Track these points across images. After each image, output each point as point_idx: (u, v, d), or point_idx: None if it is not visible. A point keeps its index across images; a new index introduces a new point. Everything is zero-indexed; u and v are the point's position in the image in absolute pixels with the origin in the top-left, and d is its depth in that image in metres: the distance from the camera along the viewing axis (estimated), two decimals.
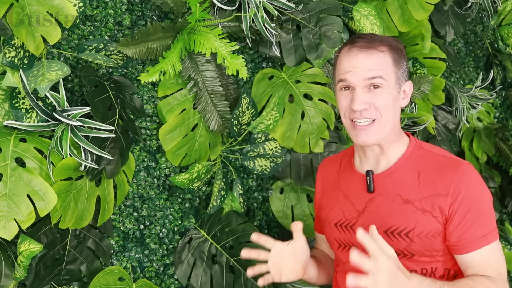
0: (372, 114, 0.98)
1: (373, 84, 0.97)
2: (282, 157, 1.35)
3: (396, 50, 1.00)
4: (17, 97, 0.99)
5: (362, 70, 0.97)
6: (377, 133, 0.98)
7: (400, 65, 1.00)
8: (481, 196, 0.96)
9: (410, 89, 1.03)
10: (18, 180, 0.95)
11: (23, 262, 0.99)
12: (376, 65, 0.98)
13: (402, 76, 1.01)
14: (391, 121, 0.99)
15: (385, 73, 0.98)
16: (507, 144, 1.86)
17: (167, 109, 1.20)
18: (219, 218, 1.28)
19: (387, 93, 0.98)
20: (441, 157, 0.99)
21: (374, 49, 0.98)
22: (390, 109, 0.98)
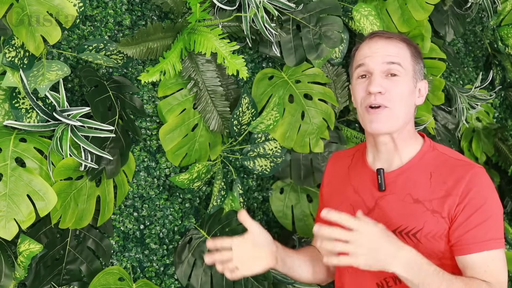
0: (386, 101, 0.96)
1: (390, 72, 0.97)
2: (282, 157, 1.35)
3: (415, 47, 1.02)
4: (17, 97, 0.99)
5: (382, 55, 0.98)
6: (389, 121, 0.96)
7: (418, 61, 1.01)
8: (490, 201, 0.94)
9: (425, 89, 1.03)
10: (18, 180, 0.95)
11: (23, 262, 0.99)
12: (395, 52, 0.99)
13: (419, 73, 1.01)
14: (404, 114, 0.98)
15: (404, 63, 0.98)
16: (506, 144, 1.86)
17: (167, 109, 1.20)
18: (219, 218, 1.28)
19: (404, 82, 0.98)
20: (454, 159, 0.98)
21: (394, 39, 1.00)
22: (404, 100, 0.98)
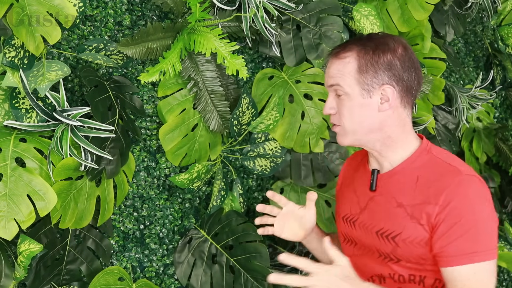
0: (336, 120, 1.02)
1: (336, 92, 1.01)
2: (282, 157, 1.35)
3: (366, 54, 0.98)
4: (17, 97, 0.99)
5: (326, 78, 1.03)
6: (345, 137, 1.01)
7: (368, 71, 0.97)
8: (476, 211, 0.90)
9: (391, 93, 0.98)
10: (18, 180, 0.95)
11: (23, 262, 0.99)
12: (334, 73, 1.00)
13: (372, 81, 0.98)
14: (360, 128, 0.99)
15: (344, 81, 0.99)
16: (506, 144, 1.86)
17: (167, 109, 1.20)
18: (219, 218, 1.28)
19: (347, 100, 0.99)
20: (446, 164, 0.96)
21: (337, 56, 1.01)
22: (354, 115, 0.99)
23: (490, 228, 0.91)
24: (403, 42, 1.02)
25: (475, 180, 0.93)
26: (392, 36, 1.03)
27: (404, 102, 1.01)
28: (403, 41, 1.02)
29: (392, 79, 0.99)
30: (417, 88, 1.03)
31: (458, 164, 0.96)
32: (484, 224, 0.91)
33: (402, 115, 1.02)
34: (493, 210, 0.94)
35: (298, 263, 0.89)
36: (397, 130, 1.01)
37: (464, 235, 0.90)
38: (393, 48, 0.99)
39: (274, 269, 1.28)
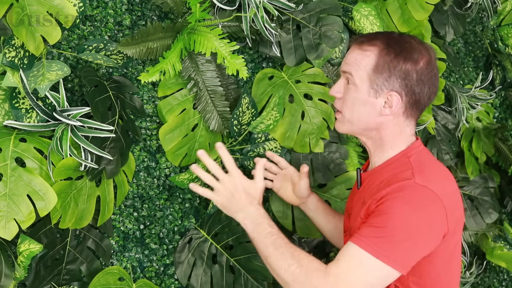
0: (339, 105, 1.05)
1: (347, 78, 1.02)
2: (282, 157, 1.35)
3: (387, 55, 0.97)
4: (17, 97, 0.99)
5: (343, 62, 1.05)
6: (342, 124, 1.05)
7: (383, 72, 0.97)
8: (402, 216, 0.88)
9: (396, 102, 0.98)
10: (18, 180, 0.95)
11: (23, 262, 0.99)
12: (351, 61, 1.01)
13: (383, 84, 0.97)
14: (357, 121, 1.01)
15: (357, 73, 0.98)
16: (506, 144, 1.86)
17: (167, 109, 1.20)
18: (219, 218, 1.28)
19: (354, 91, 1.00)
20: (408, 169, 0.95)
21: (360, 46, 1.01)
22: (356, 107, 1.00)
23: (408, 240, 0.88)
24: (430, 55, 0.99)
25: (423, 191, 0.90)
26: (423, 46, 0.99)
27: (407, 113, 1.00)
28: (431, 54, 0.99)
29: (402, 88, 0.98)
30: (427, 103, 1.02)
31: (419, 173, 0.93)
32: (402, 232, 0.88)
33: (402, 124, 1.01)
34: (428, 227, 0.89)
35: (213, 169, 1.02)
36: (391, 136, 1.02)
37: (378, 227, 0.89)
38: (415, 60, 0.97)
39: None
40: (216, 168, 1.02)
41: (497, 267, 1.95)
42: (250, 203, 1.00)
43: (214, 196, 1.02)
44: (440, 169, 1.01)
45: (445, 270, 1.00)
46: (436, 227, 0.91)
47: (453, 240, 0.99)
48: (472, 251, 1.84)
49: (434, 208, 0.91)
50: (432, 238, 0.91)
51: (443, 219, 0.92)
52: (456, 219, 0.97)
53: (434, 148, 1.66)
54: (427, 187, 0.91)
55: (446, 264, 0.99)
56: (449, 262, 1.00)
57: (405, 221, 0.88)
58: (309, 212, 1.28)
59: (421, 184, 0.91)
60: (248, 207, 1.00)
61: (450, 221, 0.94)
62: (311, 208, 1.26)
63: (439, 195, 0.91)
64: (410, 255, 0.90)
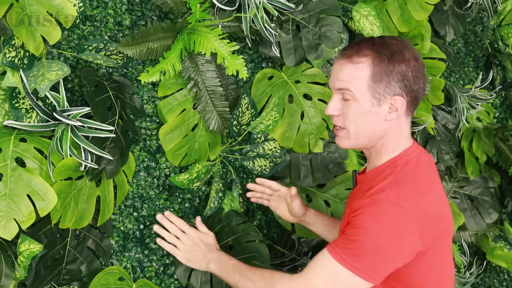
0: (340, 122, 1.03)
1: (343, 96, 1.01)
2: (281, 157, 1.36)
3: (381, 63, 0.97)
4: (17, 97, 0.99)
5: (334, 79, 1.02)
6: (347, 140, 1.03)
7: (381, 79, 0.97)
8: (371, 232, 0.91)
9: (401, 104, 0.99)
10: (18, 180, 0.95)
11: (23, 262, 0.99)
12: (346, 77, 0.99)
13: (384, 90, 0.98)
14: (363, 133, 1.01)
15: (355, 86, 0.98)
16: (506, 144, 1.86)
17: (167, 109, 1.20)
18: (219, 218, 1.28)
19: (355, 105, 0.99)
20: (386, 185, 0.96)
21: (350, 60, 0.99)
22: (361, 121, 1.00)
23: (377, 254, 0.92)
24: (415, 52, 1.02)
25: (394, 208, 0.92)
26: (405, 44, 1.01)
27: (408, 111, 1.02)
28: (415, 51, 1.02)
29: (403, 90, 0.99)
30: (422, 97, 1.04)
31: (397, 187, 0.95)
32: (371, 247, 0.91)
33: (403, 123, 1.03)
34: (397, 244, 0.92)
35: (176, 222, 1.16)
36: (393, 139, 1.03)
37: (351, 239, 0.93)
38: (407, 59, 0.98)
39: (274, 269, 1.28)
40: (174, 229, 1.16)
41: (498, 267, 1.94)
42: (210, 250, 1.14)
43: (179, 254, 1.15)
44: (422, 179, 1.00)
45: (430, 280, 1.02)
46: (405, 244, 0.94)
47: (436, 251, 0.99)
48: (472, 251, 1.84)
49: (404, 226, 0.93)
50: (402, 254, 0.94)
51: (414, 236, 0.93)
52: (436, 233, 0.97)
53: (434, 148, 1.66)
54: (399, 205, 0.92)
55: (431, 273, 1.01)
56: (434, 270, 1.02)
57: (374, 237, 0.92)
58: (309, 227, 1.31)
59: (393, 201, 0.93)
60: (209, 254, 1.13)
61: (426, 236, 0.95)
62: (310, 223, 1.30)
63: (411, 213, 0.93)
64: (380, 268, 0.93)
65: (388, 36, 1.07)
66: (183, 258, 1.15)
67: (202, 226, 1.20)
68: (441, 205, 1.01)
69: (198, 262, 1.14)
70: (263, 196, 1.31)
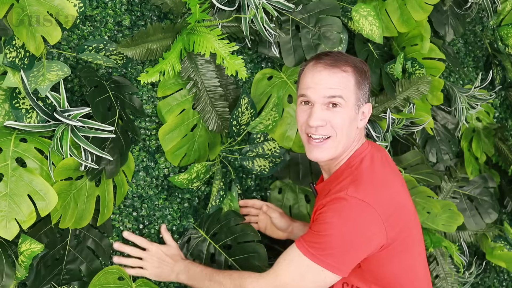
0: (328, 132, 1.03)
1: (332, 103, 1.02)
2: (281, 157, 1.36)
3: (360, 72, 1.03)
4: (17, 97, 1.00)
5: (324, 88, 1.02)
6: (330, 150, 1.04)
7: (362, 87, 1.03)
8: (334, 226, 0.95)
9: (369, 111, 1.06)
10: (19, 180, 0.95)
11: (24, 262, 0.99)
12: (337, 84, 1.01)
13: (363, 98, 1.04)
14: (345, 140, 1.03)
15: (346, 93, 1.01)
16: (506, 144, 1.86)
17: (167, 109, 1.21)
18: (218, 218, 1.28)
19: (345, 112, 1.02)
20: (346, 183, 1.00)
21: (338, 68, 1.01)
22: (345, 128, 1.02)
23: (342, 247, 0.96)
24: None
25: (354, 202, 0.96)
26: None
27: None
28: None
29: (369, 96, 1.08)
30: None
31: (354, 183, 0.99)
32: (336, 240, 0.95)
33: (363, 129, 1.10)
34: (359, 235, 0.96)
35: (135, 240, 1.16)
36: (353, 145, 1.07)
37: (317, 235, 0.97)
38: (367, 68, 1.07)
39: None
40: (135, 251, 1.16)
41: (497, 267, 1.94)
42: (176, 261, 1.15)
43: (146, 272, 1.15)
44: (378, 174, 1.03)
45: (402, 270, 1.04)
46: (369, 234, 0.97)
47: (403, 242, 1.02)
48: (472, 251, 1.84)
49: (366, 217, 0.96)
50: (366, 244, 0.97)
51: (377, 226, 0.97)
52: (399, 224, 1.00)
53: (434, 148, 1.66)
54: (358, 198, 0.96)
55: (402, 264, 1.04)
56: (404, 261, 1.04)
57: (338, 231, 0.95)
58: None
59: (353, 196, 0.97)
60: (176, 265, 1.14)
61: (389, 226, 0.98)
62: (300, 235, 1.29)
63: (372, 204, 0.96)
64: (346, 260, 0.97)
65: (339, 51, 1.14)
66: (152, 275, 1.15)
67: (167, 235, 1.20)
68: (401, 196, 1.05)
69: (167, 275, 1.15)
70: (251, 219, 1.32)
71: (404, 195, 1.06)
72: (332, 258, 0.95)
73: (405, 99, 1.47)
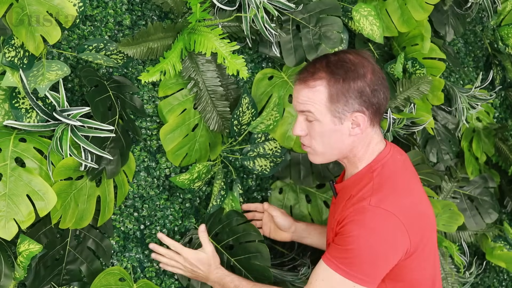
0: (306, 142, 1.07)
1: (306, 117, 1.05)
2: (282, 157, 1.35)
3: (338, 83, 0.99)
4: (17, 97, 0.99)
5: (296, 102, 1.07)
6: (315, 156, 1.08)
7: (339, 99, 1.00)
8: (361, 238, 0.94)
9: (362, 120, 1.02)
10: (18, 180, 0.95)
11: (22, 262, 0.99)
12: (305, 100, 1.03)
13: (344, 109, 1.00)
14: (329, 150, 1.05)
15: (315, 108, 1.02)
16: (506, 144, 1.86)
17: (168, 109, 1.20)
18: (219, 218, 1.28)
19: (318, 126, 1.03)
20: (367, 190, 0.99)
21: (306, 83, 1.03)
22: (325, 139, 1.03)
23: (370, 259, 0.95)
24: (372, 64, 1.03)
25: (378, 212, 0.96)
26: (361, 57, 1.03)
27: (373, 123, 1.05)
28: (372, 63, 1.04)
29: (362, 106, 1.01)
30: (386, 105, 1.06)
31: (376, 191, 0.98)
32: (364, 253, 0.95)
33: (370, 133, 1.06)
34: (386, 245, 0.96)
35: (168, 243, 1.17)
36: (363, 149, 1.06)
37: (344, 249, 0.96)
38: (362, 74, 1.00)
39: (275, 269, 1.28)
40: (170, 254, 1.17)
41: (497, 267, 1.95)
42: (209, 272, 1.14)
43: (182, 273, 1.18)
44: (400, 181, 1.03)
45: (422, 276, 1.05)
46: (394, 243, 0.97)
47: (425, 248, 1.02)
48: (472, 251, 1.84)
49: (390, 227, 0.96)
50: (393, 253, 0.97)
51: (402, 234, 0.97)
52: (421, 230, 1.01)
53: (434, 148, 1.66)
54: (381, 208, 0.96)
55: (424, 272, 1.05)
56: (426, 269, 1.05)
57: (364, 243, 0.95)
58: (305, 240, 1.32)
59: (376, 206, 0.96)
60: (209, 277, 1.14)
61: (412, 234, 0.98)
62: (304, 235, 1.30)
63: (395, 213, 0.96)
64: (375, 272, 0.96)
65: (344, 51, 1.09)
66: (189, 275, 1.18)
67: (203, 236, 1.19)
68: (422, 203, 1.05)
69: (203, 280, 1.17)
70: (256, 224, 1.32)
71: (425, 202, 1.06)
72: (362, 272, 0.95)
73: (405, 99, 1.47)
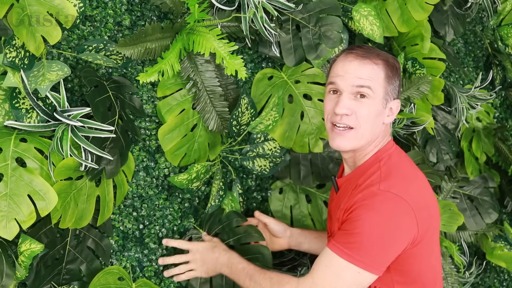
0: (352, 122, 1.02)
1: (360, 93, 1.01)
2: (281, 157, 1.36)
3: (392, 67, 1.03)
4: (17, 97, 1.00)
5: (353, 77, 1.01)
6: (353, 141, 1.02)
7: (392, 82, 1.02)
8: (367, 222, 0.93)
9: (397, 108, 1.05)
10: (19, 180, 0.95)
11: (24, 262, 0.99)
12: (367, 75, 1.01)
13: (392, 93, 1.03)
14: (369, 134, 1.02)
15: (374, 85, 1.00)
16: (506, 144, 1.86)
17: (167, 109, 1.21)
18: (219, 218, 1.28)
19: (371, 104, 1.01)
20: (376, 177, 0.99)
21: (369, 59, 1.01)
22: (370, 121, 1.01)
23: (378, 243, 0.94)
24: None
25: (387, 196, 0.95)
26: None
27: None
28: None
29: (399, 93, 1.05)
30: None
31: (385, 178, 0.98)
32: (372, 237, 0.93)
33: (388, 126, 1.08)
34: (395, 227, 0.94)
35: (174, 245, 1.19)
36: (379, 140, 1.06)
37: (351, 233, 0.94)
38: (398, 65, 1.06)
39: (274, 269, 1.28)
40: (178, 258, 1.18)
41: (497, 267, 1.94)
42: (219, 254, 1.15)
43: (197, 273, 1.18)
44: (407, 170, 1.04)
45: (426, 268, 1.04)
46: (403, 226, 0.96)
47: (430, 239, 1.02)
48: (472, 251, 1.84)
49: (399, 210, 0.96)
50: (400, 237, 0.96)
51: (410, 219, 0.96)
52: (427, 220, 1.00)
53: (434, 148, 1.66)
54: (391, 192, 0.95)
55: (428, 263, 1.04)
56: (430, 260, 1.05)
57: (373, 226, 0.93)
58: (302, 246, 1.31)
59: (386, 190, 0.95)
60: (219, 259, 1.15)
61: (420, 222, 0.98)
62: (301, 241, 1.30)
63: (404, 197, 0.96)
64: (382, 257, 0.95)
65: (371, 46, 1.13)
66: (203, 274, 1.18)
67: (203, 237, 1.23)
68: (428, 194, 1.05)
69: (213, 270, 1.17)
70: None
71: (430, 193, 1.06)
72: (368, 257, 0.93)
73: (405, 99, 1.47)
